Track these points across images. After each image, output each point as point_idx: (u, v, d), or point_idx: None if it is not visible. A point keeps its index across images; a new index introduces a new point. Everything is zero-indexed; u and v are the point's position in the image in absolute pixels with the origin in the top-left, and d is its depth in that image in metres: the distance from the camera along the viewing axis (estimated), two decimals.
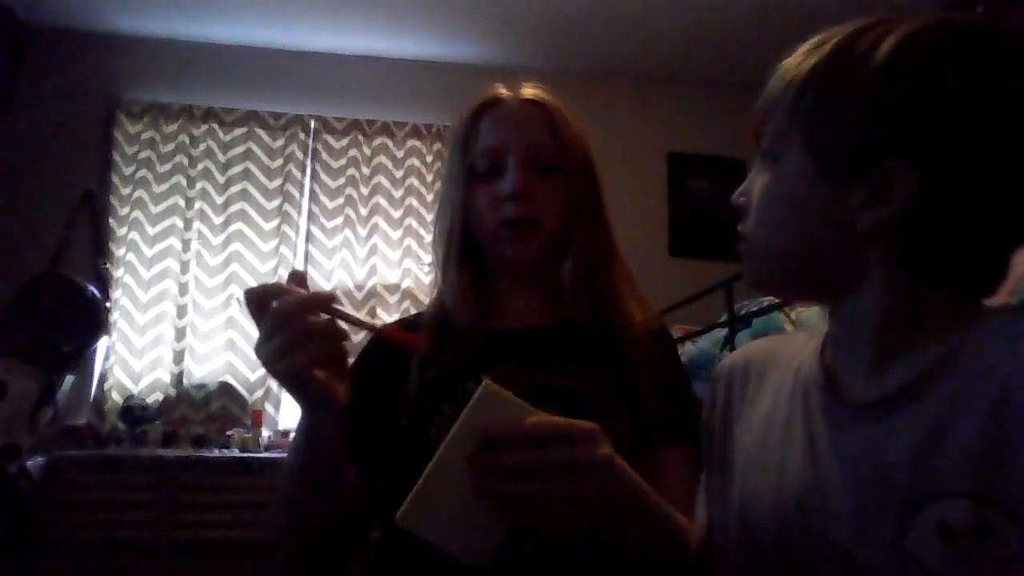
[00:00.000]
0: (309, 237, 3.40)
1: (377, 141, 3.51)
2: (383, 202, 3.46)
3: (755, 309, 2.14)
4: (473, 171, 0.92)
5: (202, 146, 3.37)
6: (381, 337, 0.74)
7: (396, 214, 3.46)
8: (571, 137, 0.92)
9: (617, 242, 0.97)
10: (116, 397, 3.08)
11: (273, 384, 3.21)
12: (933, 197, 0.54)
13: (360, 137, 3.51)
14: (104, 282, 3.10)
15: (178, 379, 3.15)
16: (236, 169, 3.39)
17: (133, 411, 2.98)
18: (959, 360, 0.53)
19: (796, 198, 0.60)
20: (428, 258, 3.44)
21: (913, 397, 0.54)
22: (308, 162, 3.48)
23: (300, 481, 0.76)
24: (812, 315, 1.96)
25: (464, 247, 0.93)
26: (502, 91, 0.95)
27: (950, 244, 0.55)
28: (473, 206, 0.91)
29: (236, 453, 2.77)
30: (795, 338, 0.74)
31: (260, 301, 0.65)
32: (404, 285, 3.39)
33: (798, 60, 0.61)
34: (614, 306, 0.92)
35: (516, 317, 0.93)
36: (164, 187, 3.32)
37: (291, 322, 0.63)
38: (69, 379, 2.74)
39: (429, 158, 3.53)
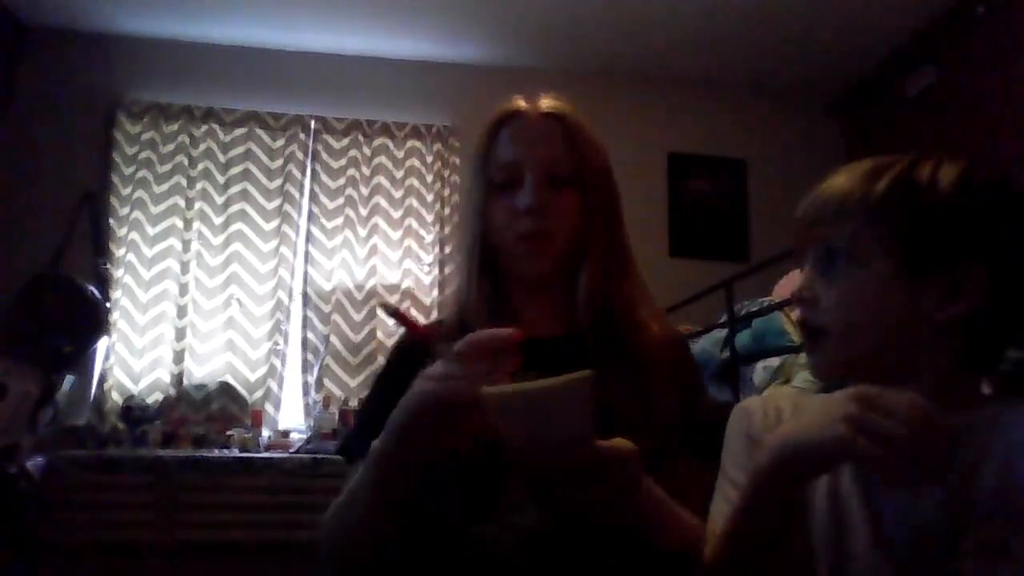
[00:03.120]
0: (309, 237, 3.40)
1: (377, 141, 3.51)
2: (383, 202, 3.46)
3: (755, 309, 2.14)
4: (491, 184, 0.94)
5: (202, 146, 3.37)
6: (408, 330, 0.78)
7: (396, 214, 3.45)
8: (587, 151, 0.94)
9: (634, 253, 0.99)
10: (116, 397, 3.08)
11: (273, 384, 3.21)
12: (997, 299, 0.69)
13: (360, 137, 3.50)
14: (104, 282, 3.10)
15: (178, 379, 3.15)
16: (236, 169, 3.39)
17: (133, 411, 2.98)
18: (979, 433, 0.67)
19: (882, 297, 0.72)
20: (428, 258, 3.44)
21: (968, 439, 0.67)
22: (308, 162, 3.48)
23: (376, 511, 0.81)
24: None
25: (483, 257, 0.95)
26: (521, 104, 0.97)
27: (1003, 341, 0.73)
28: (491, 218, 0.94)
29: (236, 453, 2.77)
30: (817, 398, 0.82)
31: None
32: (404, 285, 3.39)
33: (862, 180, 0.74)
34: (628, 316, 0.94)
35: (532, 327, 0.92)
36: (164, 187, 3.32)
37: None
38: (69, 379, 2.73)
39: (429, 158, 3.53)
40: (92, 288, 2.89)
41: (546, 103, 0.96)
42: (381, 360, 3.28)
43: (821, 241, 0.75)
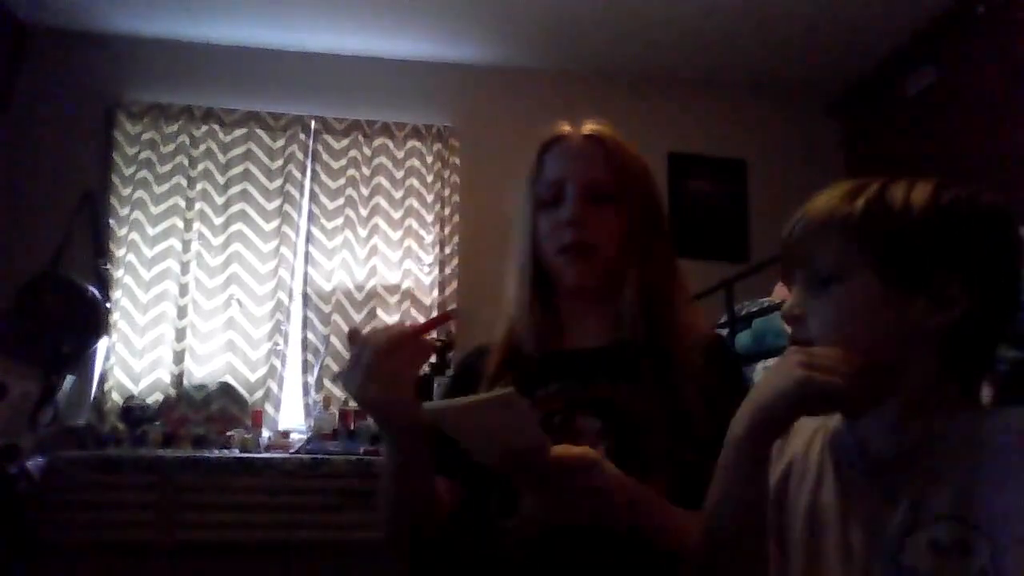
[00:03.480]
0: (309, 238, 3.40)
1: (377, 142, 3.51)
2: (383, 203, 3.46)
3: (755, 310, 2.14)
4: (539, 202, 1.02)
5: (202, 147, 3.37)
6: (427, 328, 0.88)
7: (396, 215, 3.45)
8: (627, 168, 1.01)
9: (680, 267, 1.05)
10: (116, 397, 3.08)
11: (273, 384, 3.21)
12: (979, 305, 0.72)
13: (360, 138, 3.50)
14: (104, 283, 3.10)
15: (178, 380, 3.15)
16: (236, 170, 3.39)
17: (133, 411, 2.98)
18: (953, 432, 0.72)
19: (869, 312, 0.75)
20: (428, 259, 3.44)
21: (924, 454, 0.72)
22: (308, 163, 3.48)
23: (393, 502, 0.93)
24: None
25: (533, 272, 1.03)
26: (565, 127, 1.06)
27: (988, 346, 0.77)
28: (538, 233, 1.02)
29: (236, 454, 2.77)
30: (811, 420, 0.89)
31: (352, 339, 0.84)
32: (404, 286, 3.39)
33: (841, 202, 0.77)
34: (669, 326, 0.98)
35: (578, 338, 1.02)
36: (164, 188, 3.32)
37: (367, 355, 0.81)
38: (69, 380, 2.73)
39: (429, 159, 3.53)
40: (92, 288, 2.89)
41: (587, 126, 1.05)
42: None
43: (807, 261, 0.79)
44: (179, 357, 3.18)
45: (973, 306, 0.72)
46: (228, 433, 2.97)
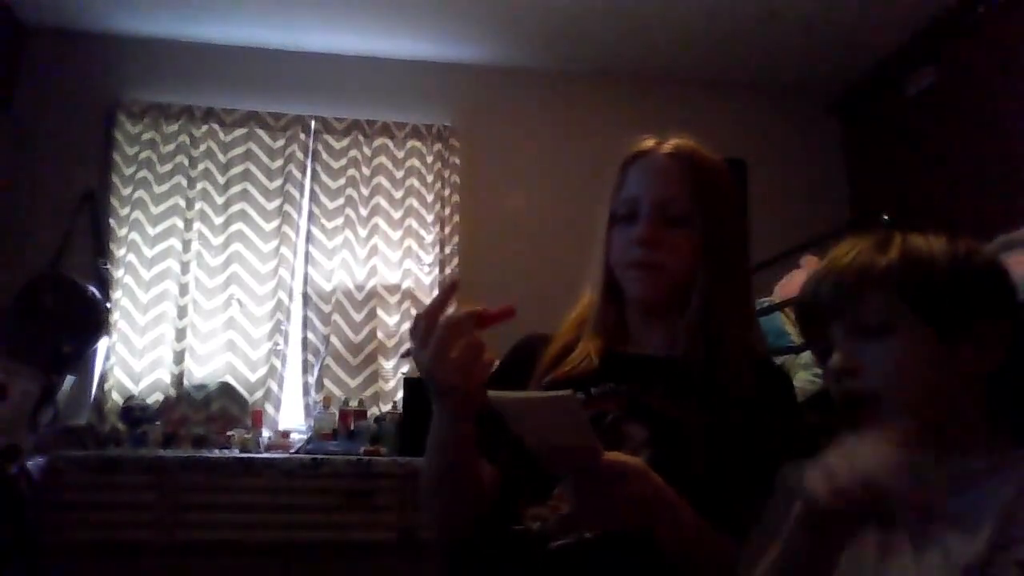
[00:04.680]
0: (309, 238, 3.40)
1: (377, 142, 3.51)
2: (383, 203, 3.46)
3: (755, 310, 2.14)
4: (615, 216, 1.05)
5: (202, 147, 3.37)
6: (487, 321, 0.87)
7: (396, 215, 3.45)
8: (706, 190, 1.02)
9: (750, 291, 1.10)
10: (116, 398, 3.08)
11: (273, 384, 3.21)
12: (1014, 346, 0.79)
13: (360, 138, 3.50)
14: (104, 282, 3.10)
15: (178, 380, 3.15)
16: (236, 170, 3.39)
17: (133, 412, 2.98)
18: (1013, 462, 0.76)
19: (922, 360, 0.79)
20: (428, 259, 3.44)
21: (988, 480, 0.76)
22: (308, 163, 3.48)
23: (437, 480, 0.97)
24: None
25: (606, 281, 1.06)
26: (650, 143, 1.07)
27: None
28: (612, 246, 1.05)
29: (236, 454, 2.77)
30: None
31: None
32: (404, 286, 3.39)
33: (873, 256, 0.81)
34: (726, 348, 1.00)
35: (639, 346, 1.05)
36: (164, 188, 3.32)
37: (446, 332, 0.83)
38: (69, 380, 2.74)
39: (429, 159, 3.53)
40: (92, 288, 2.89)
41: (673, 142, 1.06)
42: (381, 360, 3.29)
43: (847, 314, 0.81)
44: (179, 357, 3.17)
45: (1012, 346, 0.78)
46: (228, 433, 2.97)
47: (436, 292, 3.38)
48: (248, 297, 3.28)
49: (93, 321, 2.84)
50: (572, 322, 1.09)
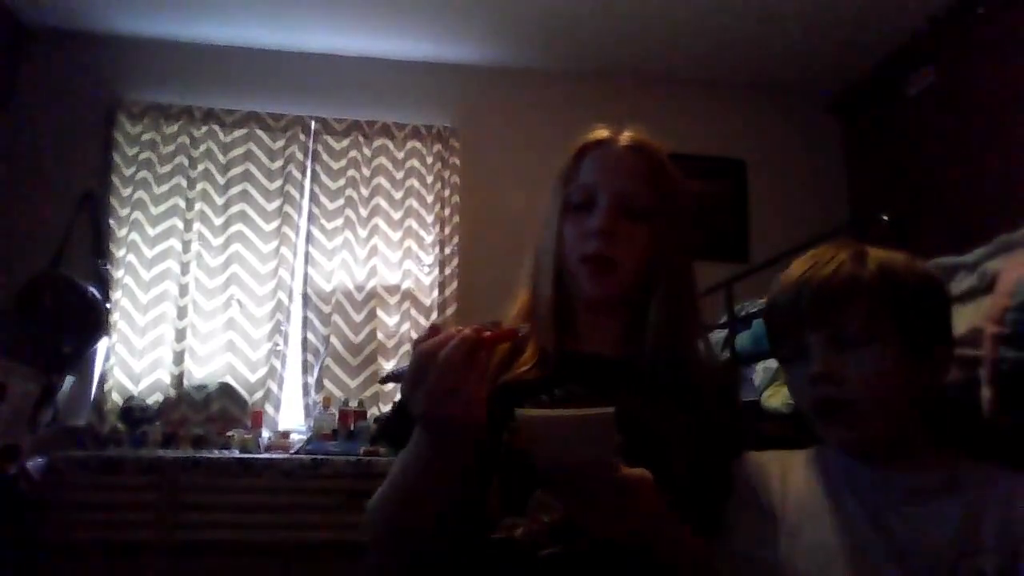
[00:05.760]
0: (309, 238, 3.40)
1: (377, 142, 3.51)
2: (383, 203, 3.46)
3: (755, 310, 2.14)
4: (568, 204, 0.98)
5: (202, 147, 3.37)
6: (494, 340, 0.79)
7: (396, 215, 3.45)
8: (666, 187, 0.98)
9: (698, 293, 1.04)
10: (116, 398, 3.08)
11: (273, 385, 3.21)
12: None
13: (360, 138, 3.50)
14: (104, 283, 3.10)
15: (178, 380, 3.15)
16: (236, 170, 3.39)
17: (133, 412, 2.98)
18: (966, 473, 0.82)
19: (897, 371, 0.83)
20: (428, 259, 3.44)
21: (952, 489, 0.81)
22: (308, 163, 3.48)
23: (415, 507, 0.86)
24: None
25: (555, 274, 0.99)
26: (607, 133, 1.02)
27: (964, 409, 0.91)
28: (563, 236, 0.98)
29: (236, 454, 2.77)
30: (795, 453, 0.95)
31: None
32: (404, 286, 3.39)
33: (851, 269, 0.84)
34: (686, 349, 0.97)
35: (590, 344, 0.98)
36: (164, 188, 3.32)
37: (444, 369, 0.73)
38: (69, 380, 2.73)
39: (429, 159, 3.53)
40: (92, 288, 2.89)
41: (631, 135, 1.01)
42: (381, 361, 3.29)
43: (827, 324, 0.84)
44: (179, 357, 3.17)
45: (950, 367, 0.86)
46: (228, 433, 2.97)
47: (436, 292, 3.38)
48: (248, 297, 3.28)
49: (93, 321, 2.84)
50: (515, 319, 1.01)
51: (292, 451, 2.87)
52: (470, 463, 0.82)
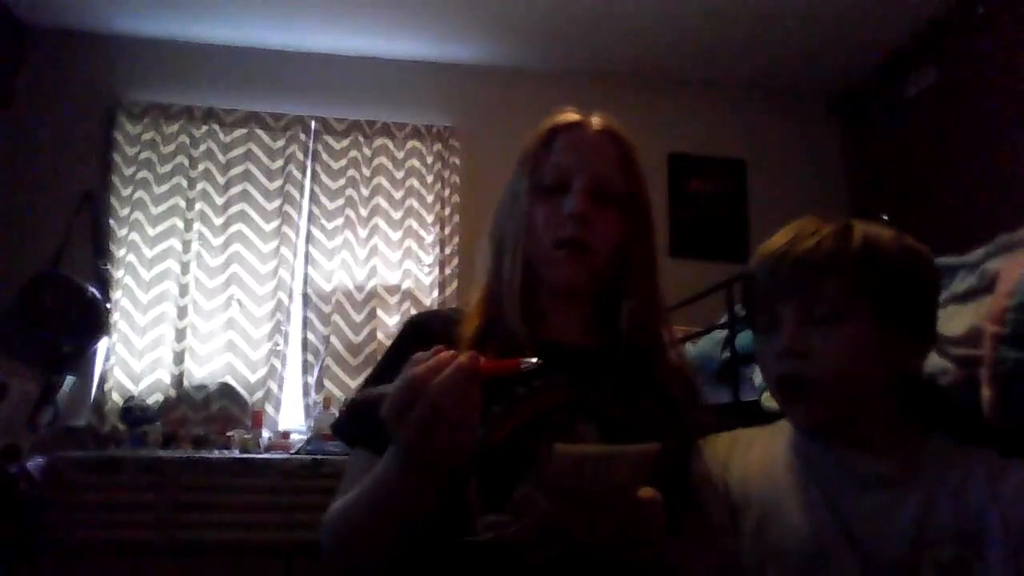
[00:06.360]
0: (309, 238, 3.40)
1: (377, 142, 3.51)
2: (383, 203, 3.46)
3: None
4: (538, 186, 0.95)
5: (202, 147, 3.37)
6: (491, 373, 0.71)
7: (396, 215, 3.45)
8: (636, 174, 0.97)
9: (662, 284, 1.00)
10: (116, 398, 3.08)
11: (273, 385, 3.21)
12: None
13: (360, 138, 3.50)
14: (104, 283, 3.10)
15: (178, 380, 3.15)
16: (236, 170, 3.39)
17: (133, 412, 2.98)
18: (927, 460, 0.81)
19: (866, 348, 0.80)
20: (428, 259, 3.44)
21: (910, 477, 0.79)
22: (308, 163, 3.48)
23: (384, 527, 0.78)
24: None
25: (524, 257, 0.94)
26: (577, 116, 0.99)
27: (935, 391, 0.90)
28: (532, 221, 0.94)
29: (236, 454, 2.77)
30: (760, 430, 0.95)
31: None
32: (404, 286, 3.39)
33: (832, 244, 0.82)
34: (654, 339, 0.95)
35: (557, 332, 0.94)
36: (164, 188, 3.32)
37: (433, 405, 0.65)
38: (69, 380, 2.74)
39: (429, 159, 3.53)
40: (92, 288, 2.89)
41: (602, 120, 0.99)
42: None
43: (800, 297, 0.82)
44: (179, 357, 3.17)
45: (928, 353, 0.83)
46: (228, 433, 2.97)
47: (436, 292, 3.38)
48: (248, 297, 3.28)
49: (93, 321, 2.84)
50: (477, 307, 0.95)
51: (292, 451, 2.87)
52: (446, 485, 0.75)
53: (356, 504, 0.81)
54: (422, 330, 0.94)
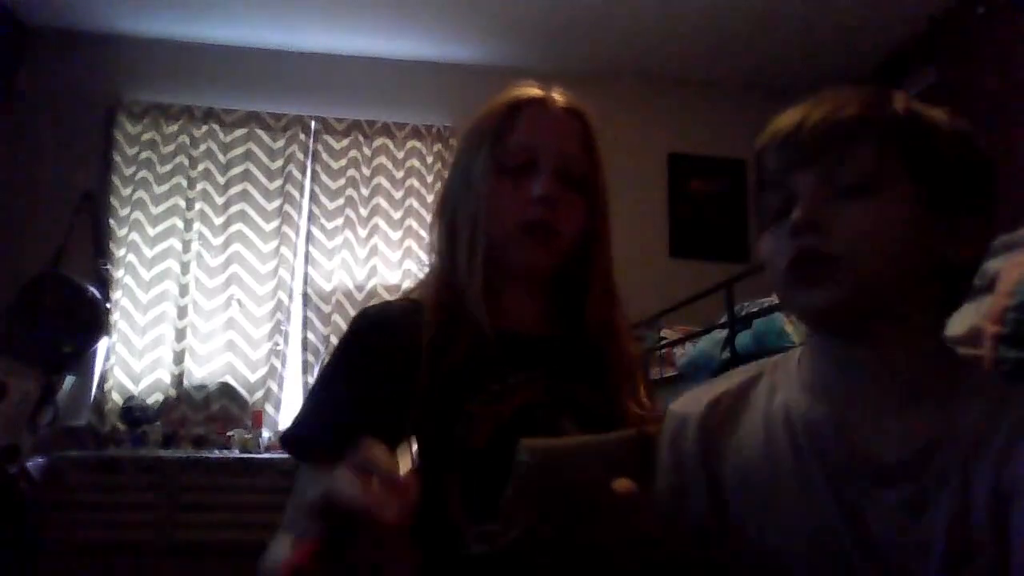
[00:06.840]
0: (309, 238, 3.40)
1: (377, 142, 3.51)
2: (383, 203, 3.46)
3: (755, 310, 2.14)
4: (501, 167, 0.88)
5: (202, 147, 3.37)
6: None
7: (396, 215, 3.46)
8: (599, 156, 0.92)
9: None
10: (116, 398, 3.08)
11: (273, 384, 3.21)
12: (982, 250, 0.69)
13: (360, 138, 3.51)
14: (104, 283, 3.10)
15: (178, 380, 3.15)
16: (236, 170, 3.39)
17: (133, 412, 2.98)
18: (965, 407, 0.64)
19: (900, 227, 0.65)
20: (428, 259, 3.44)
21: (931, 458, 0.63)
22: (308, 163, 3.48)
23: None
24: None
25: (484, 241, 0.88)
26: (541, 91, 0.92)
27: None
28: (493, 202, 0.87)
29: (236, 454, 2.78)
30: (753, 383, 0.78)
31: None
32: (404, 286, 3.39)
33: (869, 108, 0.67)
34: (613, 326, 0.92)
35: (516, 321, 0.90)
36: (164, 188, 3.32)
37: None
38: (69, 380, 2.74)
39: (429, 159, 3.53)
40: (92, 288, 2.89)
41: (566, 96, 0.93)
42: None
43: (827, 163, 0.67)
44: (179, 357, 3.18)
45: (981, 247, 0.69)
46: (228, 433, 2.98)
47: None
48: (248, 297, 3.28)
49: (93, 321, 2.84)
50: (434, 295, 0.89)
51: None
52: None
53: None
54: (381, 328, 0.88)
